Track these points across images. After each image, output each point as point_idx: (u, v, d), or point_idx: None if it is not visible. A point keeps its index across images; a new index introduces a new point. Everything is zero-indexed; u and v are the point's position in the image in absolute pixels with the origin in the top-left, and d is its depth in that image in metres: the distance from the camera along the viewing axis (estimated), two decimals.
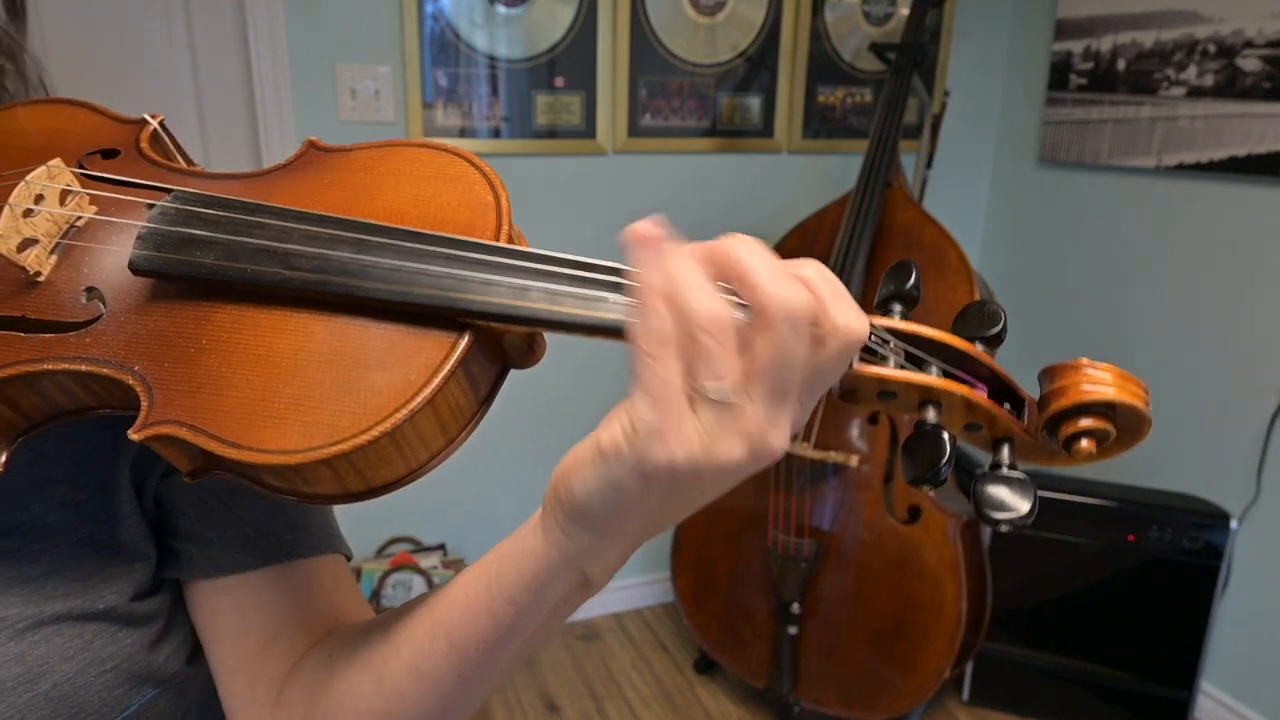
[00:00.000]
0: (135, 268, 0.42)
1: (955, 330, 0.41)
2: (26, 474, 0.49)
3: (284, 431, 0.38)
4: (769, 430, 0.35)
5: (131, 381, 0.41)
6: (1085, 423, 0.38)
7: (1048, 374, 0.40)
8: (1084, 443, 0.39)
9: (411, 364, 0.39)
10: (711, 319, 0.33)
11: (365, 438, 0.38)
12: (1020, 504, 0.37)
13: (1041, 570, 2.05)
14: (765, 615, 1.99)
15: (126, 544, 0.52)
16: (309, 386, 0.39)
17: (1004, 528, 0.37)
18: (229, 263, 0.42)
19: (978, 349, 0.40)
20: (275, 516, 0.56)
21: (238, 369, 0.40)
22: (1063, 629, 2.06)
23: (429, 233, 0.41)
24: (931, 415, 0.40)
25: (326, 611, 0.56)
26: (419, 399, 0.38)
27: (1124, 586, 1.99)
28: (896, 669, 1.85)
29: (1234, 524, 1.90)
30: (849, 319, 0.35)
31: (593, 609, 2.50)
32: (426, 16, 1.93)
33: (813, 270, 0.35)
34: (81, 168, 0.49)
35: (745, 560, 2.01)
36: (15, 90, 0.57)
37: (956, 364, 0.40)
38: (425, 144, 0.48)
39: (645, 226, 0.35)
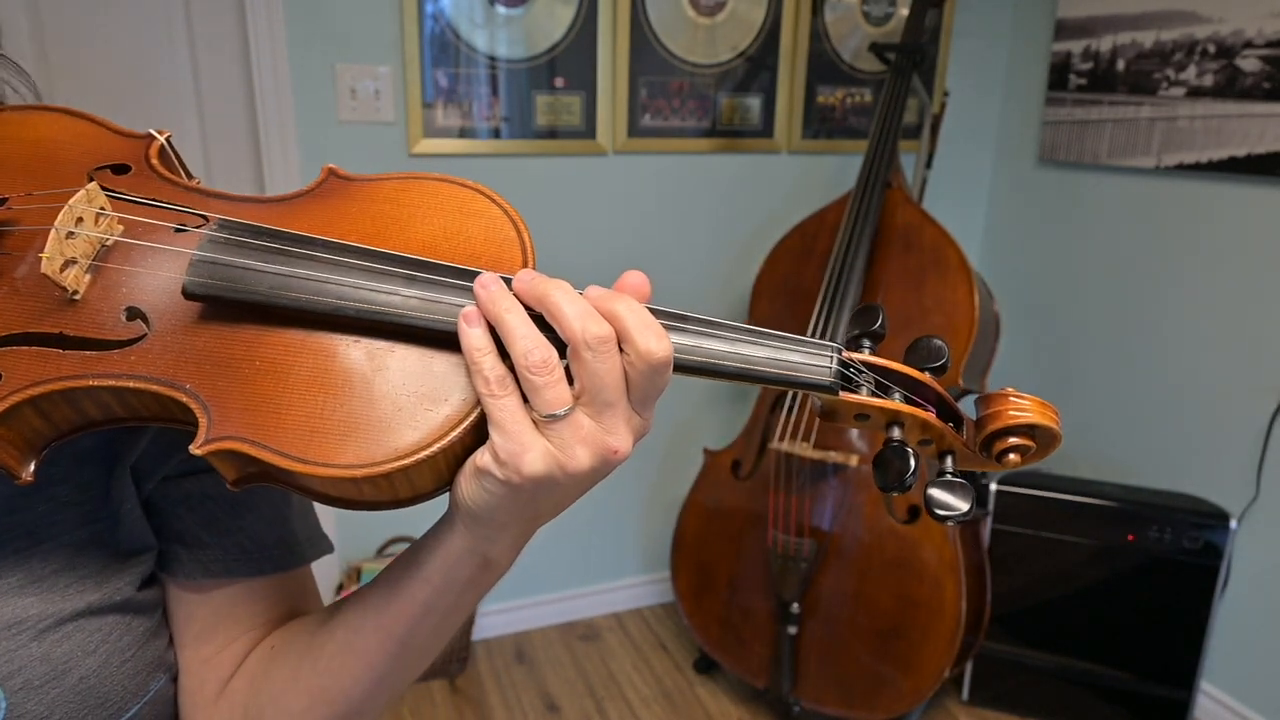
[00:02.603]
0: (189, 293, 0.44)
1: (907, 362, 0.48)
2: None
3: (345, 448, 0.42)
4: (607, 437, 0.42)
5: (184, 399, 0.43)
6: (1013, 440, 0.46)
7: (982, 401, 0.48)
8: (1012, 456, 0.47)
9: (464, 385, 0.43)
10: (534, 362, 0.41)
11: (424, 454, 0.42)
12: (961, 504, 0.45)
13: (1041, 570, 2.05)
14: (765, 615, 1.99)
15: (129, 538, 0.53)
16: (366, 405, 0.43)
17: (949, 523, 0.44)
18: (284, 291, 0.44)
19: (929, 378, 0.48)
20: (270, 530, 0.58)
21: (295, 389, 0.43)
22: (1063, 629, 2.06)
23: (471, 269, 0.45)
24: (896, 433, 0.47)
25: (285, 619, 0.59)
26: (472, 418, 0.43)
27: (1124, 586, 1.99)
28: (896, 669, 1.85)
29: (1234, 524, 1.90)
30: (649, 344, 0.41)
31: (593, 609, 2.50)
32: (426, 16, 1.93)
33: (622, 306, 0.42)
34: (101, 185, 0.49)
35: (745, 560, 2.01)
36: None
37: (913, 390, 0.47)
38: (444, 179, 0.51)
39: (488, 279, 0.43)
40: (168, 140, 0.54)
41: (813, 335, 1.86)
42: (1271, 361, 1.90)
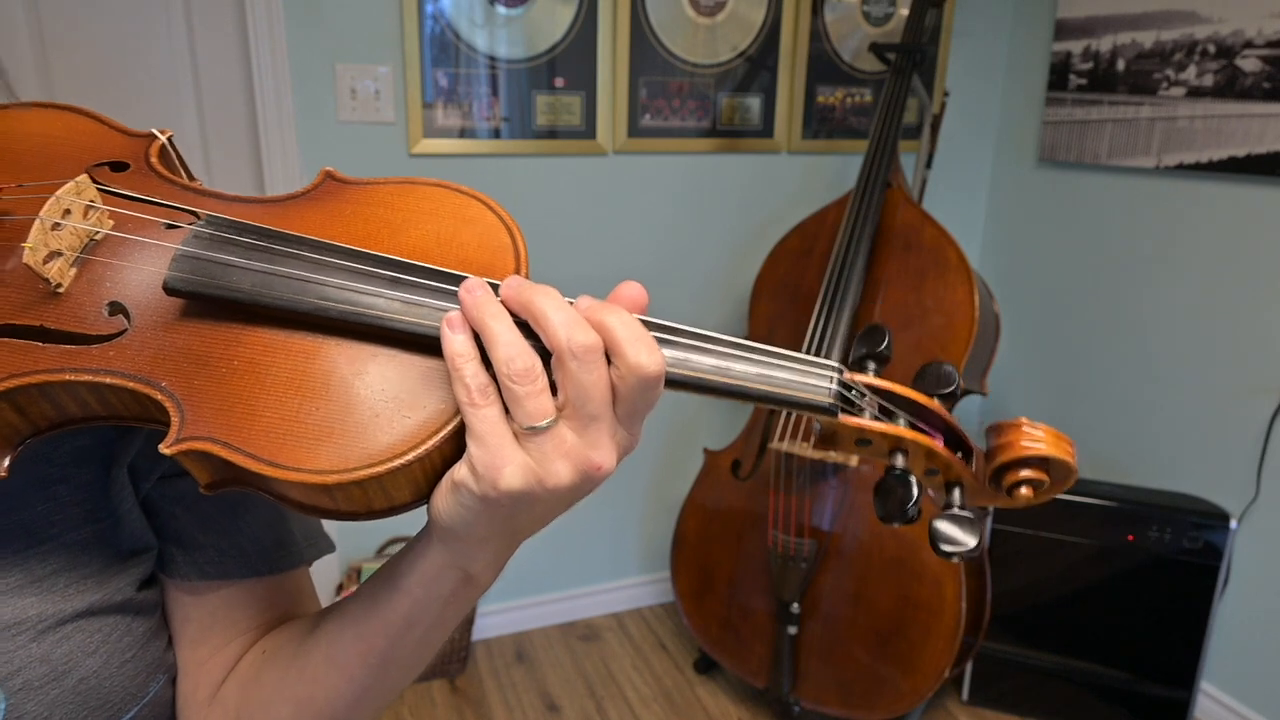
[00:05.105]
0: (170, 288, 0.43)
1: (916, 387, 0.46)
2: (26, 474, 0.49)
3: (318, 452, 0.40)
4: (589, 452, 0.40)
5: (160, 397, 0.42)
6: (1025, 473, 0.44)
7: (994, 430, 0.46)
8: (1024, 490, 0.45)
9: (443, 393, 0.42)
10: (516, 369, 0.39)
11: (399, 462, 0.40)
12: (968, 539, 0.43)
13: (1041, 570, 2.05)
14: (765, 615, 1.99)
15: (129, 537, 0.53)
16: (343, 410, 0.41)
17: (954, 559, 0.42)
18: (265, 290, 0.43)
19: (937, 405, 0.46)
20: (267, 532, 0.58)
21: (270, 391, 0.42)
22: (1062, 629, 2.06)
23: (457, 273, 0.44)
24: (900, 461, 0.45)
25: (281, 621, 0.59)
26: (451, 426, 0.41)
27: (1124, 586, 1.99)
28: (896, 669, 1.85)
29: (1234, 524, 1.90)
30: (640, 358, 0.39)
31: (593, 609, 2.50)
32: (426, 16, 1.93)
33: (613, 317, 0.40)
34: (92, 179, 0.49)
35: (745, 560, 2.01)
36: None
37: (920, 417, 0.45)
38: (441, 184, 0.50)
39: (473, 284, 0.41)
40: (169, 140, 0.53)
41: (813, 334, 1.87)
42: (1271, 361, 1.90)
